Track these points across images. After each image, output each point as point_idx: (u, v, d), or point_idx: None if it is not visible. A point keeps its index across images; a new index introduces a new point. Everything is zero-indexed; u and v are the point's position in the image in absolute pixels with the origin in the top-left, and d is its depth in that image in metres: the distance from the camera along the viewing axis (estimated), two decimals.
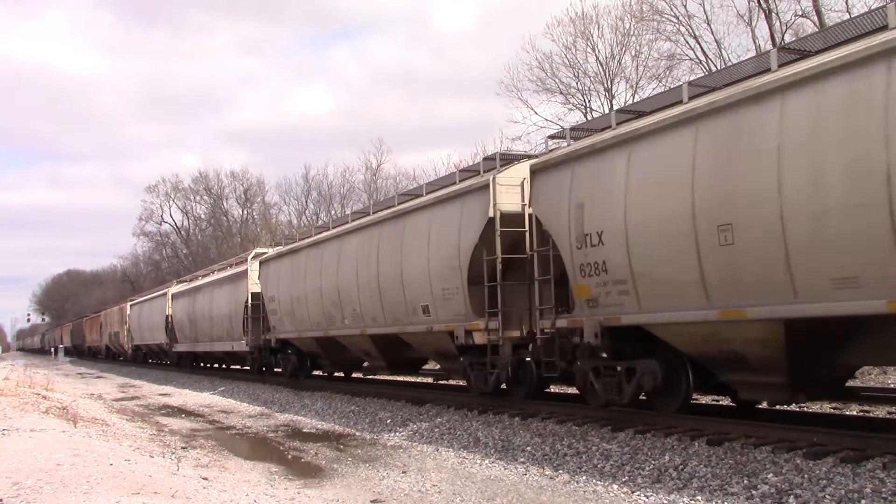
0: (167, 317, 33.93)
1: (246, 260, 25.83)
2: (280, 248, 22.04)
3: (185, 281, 36.34)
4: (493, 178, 12.41)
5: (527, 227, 12.20)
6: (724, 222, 8.24)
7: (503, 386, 13.18)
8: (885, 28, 7.54)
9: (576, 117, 33.47)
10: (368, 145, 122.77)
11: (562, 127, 31.91)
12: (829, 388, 9.48)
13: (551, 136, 12.94)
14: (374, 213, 17.12)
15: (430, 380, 21.61)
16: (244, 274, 24.72)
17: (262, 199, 70.28)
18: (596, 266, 10.15)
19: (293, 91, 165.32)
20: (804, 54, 8.37)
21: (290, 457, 11.39)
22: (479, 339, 12.63)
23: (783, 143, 7.63)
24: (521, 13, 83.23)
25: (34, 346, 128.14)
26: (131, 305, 44.15)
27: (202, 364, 32.63)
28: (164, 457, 10.76)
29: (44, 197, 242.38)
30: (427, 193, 15.11)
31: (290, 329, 20.53)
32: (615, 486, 8.18)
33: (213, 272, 31.14)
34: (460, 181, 14.09)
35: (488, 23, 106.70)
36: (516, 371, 12.80)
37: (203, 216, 74.73)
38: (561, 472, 9.05)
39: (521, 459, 9.89)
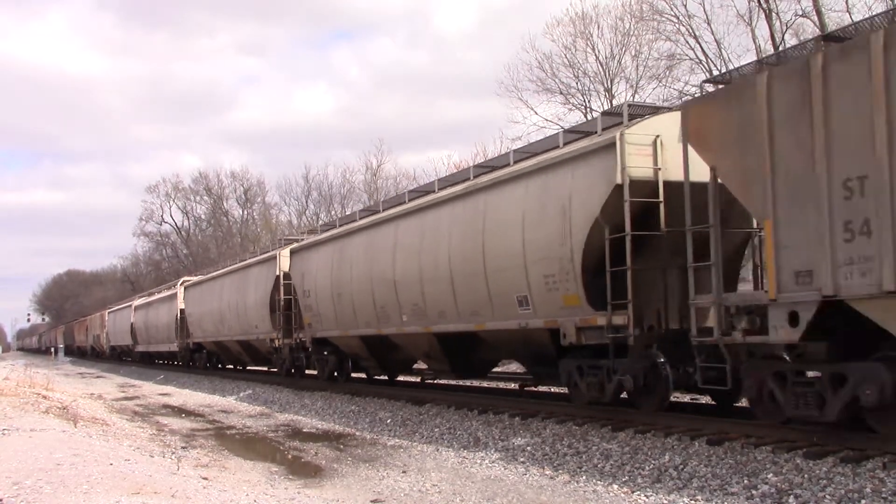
0: (131, 324, 43.61)
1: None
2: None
3: (145, 295, 46.84)
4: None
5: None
6: None
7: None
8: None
9: (576, 117, 33.46)
10: (369, 145, 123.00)
11: (561, 127, 31.95)
12: None
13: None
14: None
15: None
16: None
17: (262, 199, 70.41)
18: None
19: (294, 91, 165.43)
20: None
21: (290, 457, 11.39)
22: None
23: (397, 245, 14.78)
24: (521, 13, 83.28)
25: (32, 346, 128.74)
26: (109, 313, 52.90)
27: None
28: (164, 457, 10.76)
29: (45, 197, 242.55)
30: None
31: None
32: (615, 486, 8.18)
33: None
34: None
35: (489, 23, 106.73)
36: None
37: (203, 216, 74.87)
38: (561, 471, 9.05)
39: (522, 459, 9.89)
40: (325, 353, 19.39)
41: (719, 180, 8.69)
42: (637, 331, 9.91)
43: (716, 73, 26.55)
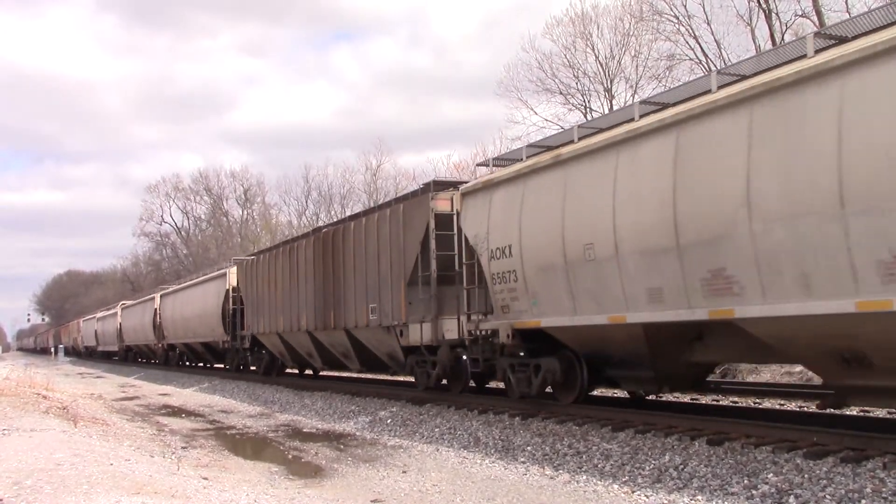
0: (94, 330, 56.32)
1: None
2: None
3: (105, 308, 59.38)
4: None
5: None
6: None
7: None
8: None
9: (576, 117, 33.48)
10: (369, 146, 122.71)
11: (562, 127, 31.94)
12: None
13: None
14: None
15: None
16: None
17: (262, 199, 70.46)
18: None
19: (294, 92, 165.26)
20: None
21: (290, 456, 11.39)
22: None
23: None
24: (521, 14, 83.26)
25: (30, 347, 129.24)
26: (83, 321, 65.11)
27: (189, 363, 36.91)
28: (164, 457, 10.76)
29: (45, 198, 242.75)
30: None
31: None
32: (615, 486, 8.18)
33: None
34: None
35: (489, 24, 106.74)
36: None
37: (203, 216, 74.88)
38: (561, 471, 9.05)
39: (522, 459, 9.89)
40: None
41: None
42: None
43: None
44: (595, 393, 14.18)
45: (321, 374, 23.78)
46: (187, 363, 35.68)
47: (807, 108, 7.38)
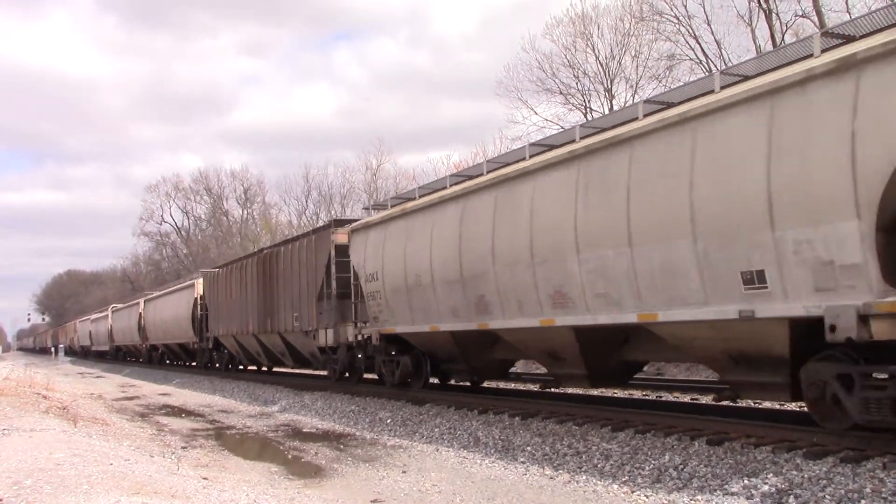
0: (88, 331, 61.32)
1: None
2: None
3: (98, 311, 63.35)
4: None
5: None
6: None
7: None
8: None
9: (576, 117, 33.46)
10: (369, 146, 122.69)
11: (562, 127, 31.91)
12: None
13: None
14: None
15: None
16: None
17: (262, 198, 70.44)
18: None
19: (295, 92, 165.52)
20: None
21: (290, 457, 11.39)
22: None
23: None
24: (521, 14, 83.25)
25: (28, 347, 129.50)
26: (79, 322, 69.69)
27: (169, 361, 39.80)
28: (164, 457, 10.77)
29: (46, 197, 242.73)
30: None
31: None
32: (615, 486, 8.18)
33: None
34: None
35: (489, 24, 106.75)
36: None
37: (203, 216, 74.86)
38: (561, 471, 9.05)
39: (521, 459, 9.89)
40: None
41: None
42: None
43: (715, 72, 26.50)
44: (595, 393, 14.37)
45: (275, 370, 27.83)
46: (167, 361, 39.55)
47: (517, 195, 11.32)
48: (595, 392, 14.48)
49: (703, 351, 9.20)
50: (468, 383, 16.29)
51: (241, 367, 28.63)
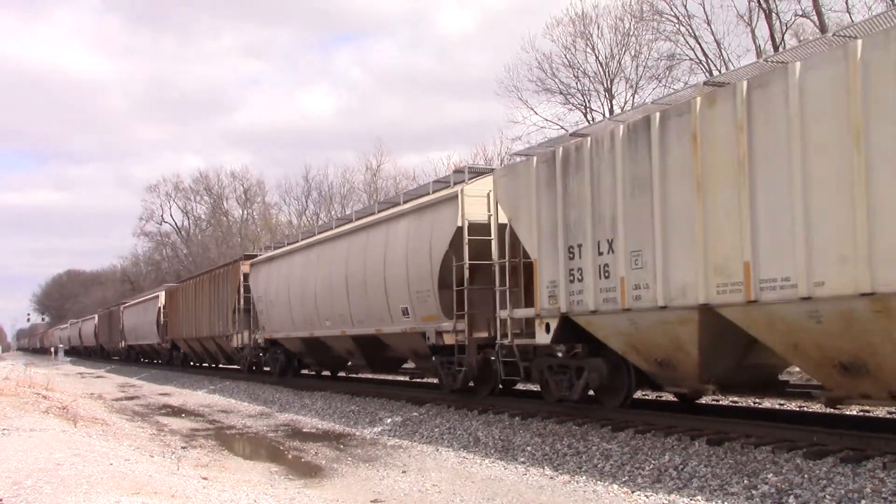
0: (67, 336, 73.64)
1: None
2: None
3: (89, 316, 68.95)
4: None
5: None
6: None
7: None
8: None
9: (576, 117, 33.49)
10: (369, 146, 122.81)
11: (562, 127, 31.91)
12: None
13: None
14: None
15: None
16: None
17: (262, 199, 70.41)
18: None
19: (296, 93, 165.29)
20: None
21: (290, 456, 11.39)
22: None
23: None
24: (521, 14, 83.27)
25: (25, 347, 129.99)
26: (70, 324, 78.36)
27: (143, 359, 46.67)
28: (164, 456, 10.76)
29: (48, 198, 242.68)
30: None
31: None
32: (615, 486, 8.18)
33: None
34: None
35: (489, 24, 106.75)
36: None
37: (203, 216, 74.83)
38: (561, 472, 9.05)
39: (521, 459, 9.89)
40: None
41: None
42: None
43: (715, 73, 26.56)
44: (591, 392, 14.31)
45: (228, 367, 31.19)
46: (143, 360, 46.78)
47: (336, 250, 18.24)
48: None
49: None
50: (325, 372, 22.97)
51: (191, 363, 35.29)
